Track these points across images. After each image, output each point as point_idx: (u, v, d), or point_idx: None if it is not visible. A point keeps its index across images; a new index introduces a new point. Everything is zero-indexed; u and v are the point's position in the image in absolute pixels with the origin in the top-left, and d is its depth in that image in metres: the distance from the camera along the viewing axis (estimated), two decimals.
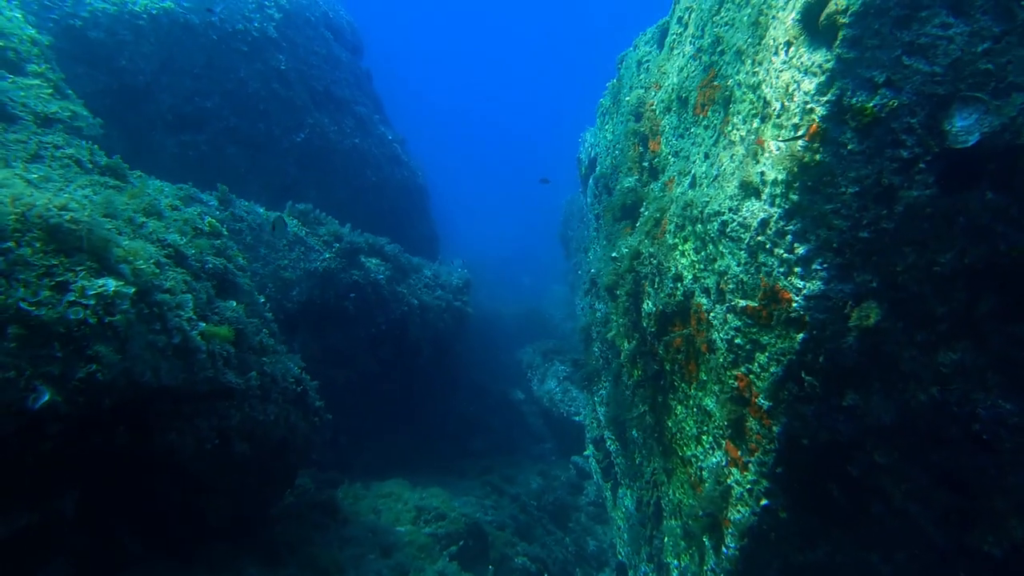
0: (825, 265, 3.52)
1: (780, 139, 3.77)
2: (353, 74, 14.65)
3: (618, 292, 7.26)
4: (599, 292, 10.12)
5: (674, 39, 6.76)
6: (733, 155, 4.93)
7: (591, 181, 11.79)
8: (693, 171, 5.86)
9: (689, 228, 5.36)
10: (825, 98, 3.35)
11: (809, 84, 3.45)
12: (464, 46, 54.34)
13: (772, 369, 4.15)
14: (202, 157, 11.07)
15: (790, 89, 3.66)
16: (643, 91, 7.60)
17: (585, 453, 12.59)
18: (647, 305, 6.26)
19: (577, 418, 13.29)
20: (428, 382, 12.02)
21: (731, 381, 4.60)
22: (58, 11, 8.72)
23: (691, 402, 5.50)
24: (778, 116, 4.01)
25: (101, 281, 3.42)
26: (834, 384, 3.70)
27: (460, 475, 11.93)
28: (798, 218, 3.63)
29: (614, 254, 7.43)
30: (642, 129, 7.47)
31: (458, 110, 51.00)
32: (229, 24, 11.04)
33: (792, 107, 3.62)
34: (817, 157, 3.42)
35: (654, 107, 7.15)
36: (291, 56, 12.42)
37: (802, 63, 3.56)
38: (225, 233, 6.32)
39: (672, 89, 6.54)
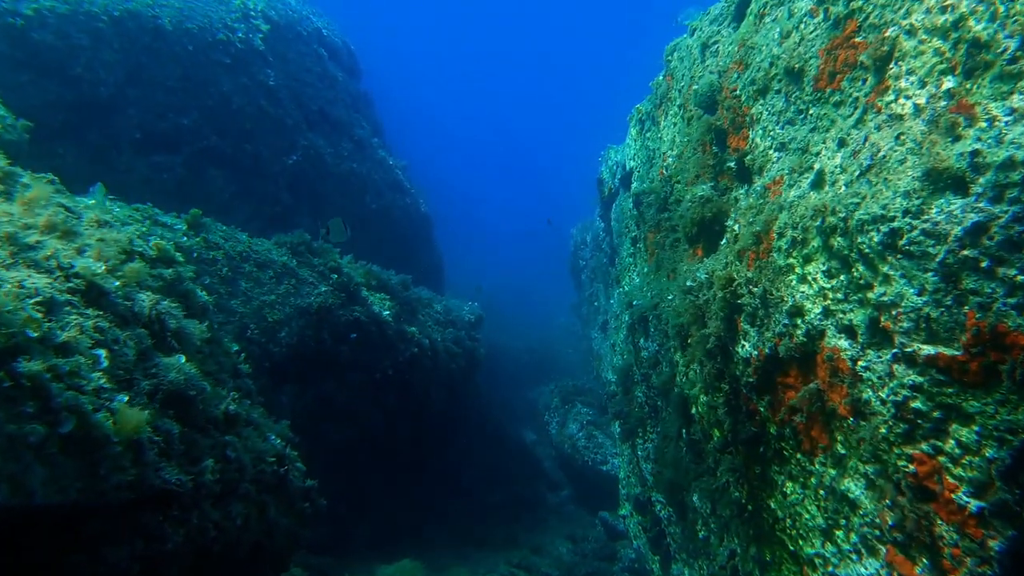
0: None
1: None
2: (350, 95, 13.38)
3: (692, 330, 5.74)
4: (647, 329, 8.58)
5: (764, 5, 5.38)
6: (902, 134, 3.44)
7: (623, 201, 10.34)
8: (818, 165, 4.37)
9: (816, 243, 3.87)
10: None
11: None
12: (464, 67, 53.82)
13: (988, 453, 2.73)
14: (179, 181, 9.64)
15: None
16: (716, 77, 6.19)
17: (621, 512, 10.91)
18: (742, 348, 4.73)
19: (604, 468, 11.61)
20: (439, 432, 10.37)
21: (901, 463, 3.17)
22: None
23: (814, 481, 4.02)
24: (1011, 61, 2.53)
25: None
26: None
27: (479, 544, 10.22)
28: None
29: (689, 283, 5.92)
30: (718, 123, 6.04)
31: (455, 136, 50.20)
32: (208, 33, 9.74)
33: None
34: None
35: (737, 92, 5.73)
36: (281, 72, 11.12)
37: None
38: (180, 260, 4.81)
39: (770, 64, 5.12)
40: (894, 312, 3.13)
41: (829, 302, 3.66)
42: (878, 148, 3.65)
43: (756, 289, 4.52)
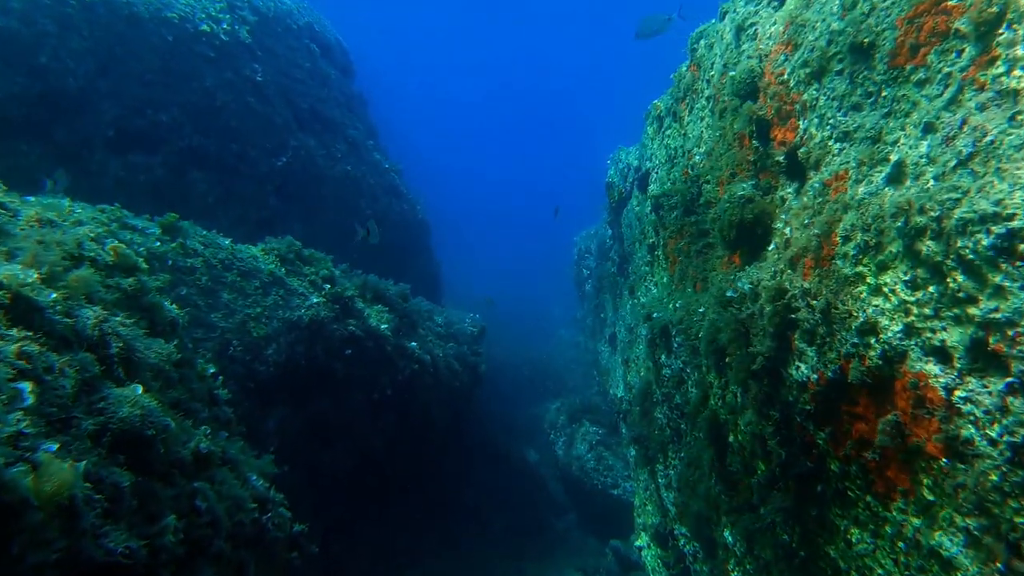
0: None
1: None
2: (344, 94, 12.66)
3: (732, 348, 5.05)
4: (669, 345, 7.88)
5: None
6: (1018, 114, 2.79)
7: (638, 205, 9.67)
8: (896, 156, 3.72)
9: (895, 247, 3.26)
10: None
11: None
12: (461, 69, 52.98)
13: None
14: (157, 183, 8.86)
15: None
16: (756, 62, 5.54)
17: (636, 543, 10.15)
18: (797, 370, 4.10)
19: (615, 492, 10.86)
20: (440, 453, 9.59)
21: (1019, 519, 2.58)
22: None
23: (889, 530, 3.45)
24: None
25: None
26: None
27: None
28: None
29: (729, 293, 5.23)
30: (760, 113, 5.38)
31: (452, 139, 49.40)
32: (190, 23, 9.01)
33: None
34: None
35: (784, 77, 5.07)
36: (269, 67, 10.39)
37: None
38: (143, 267, 4.04)
39: (828, 42, 4.48)
40: (1010, 332, 2.51)
41: (913, 318, 3.05)
42: (984, 132, 2.99)
43: (816, 302, 3.87)
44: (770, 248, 5.33)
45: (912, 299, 3.06)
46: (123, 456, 2.88)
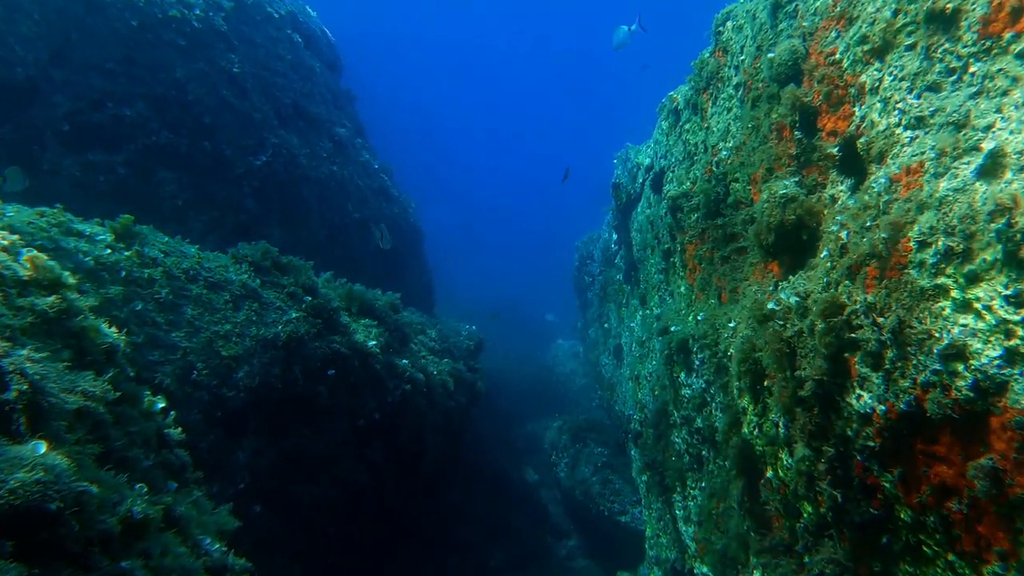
0: None
1: None
2: (330, 90, 11.83)
3: (773, 370, 4.37)
4: (689, 362, 7.10)
5: None
6: None
7: (652, 207, 8.89)
8: (990, 144, 3.04)
9: (991, 255, 2.83)
10: None
11: None
12: (455, 67, 51.80)
13: None
14: (119, 185, 8.00)
15: None
16: (799, 41, 4.79)
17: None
18: (858, 399, 3.58)
19: (623, 519, 10.06)
20: (433, 480, 8.74)
21: None
22: None
23: None
24: None
25: None
26: None
27: None
28: None
29: (772, 306, 4.48)
30: (805, 99, 4.62)
31: (445, 140, 48.22)
32: (158, 7, 8.15)
33: None
34: None
35: (836, 56, 4.33)
36: (247, 58, 9.55)
37: None
38: (70, 282, 3.24)
39: (894, 12, 3.77)
40: None
41: (1017, 342, 2.51)
42: None
43: (884, 320, 3.17)
44: (822, 255, 4.58)
45: (1016, 318, 2.49)
46: (11, 542, 2.11)
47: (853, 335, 3.36)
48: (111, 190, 7.92)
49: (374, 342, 7.31)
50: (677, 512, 7.65)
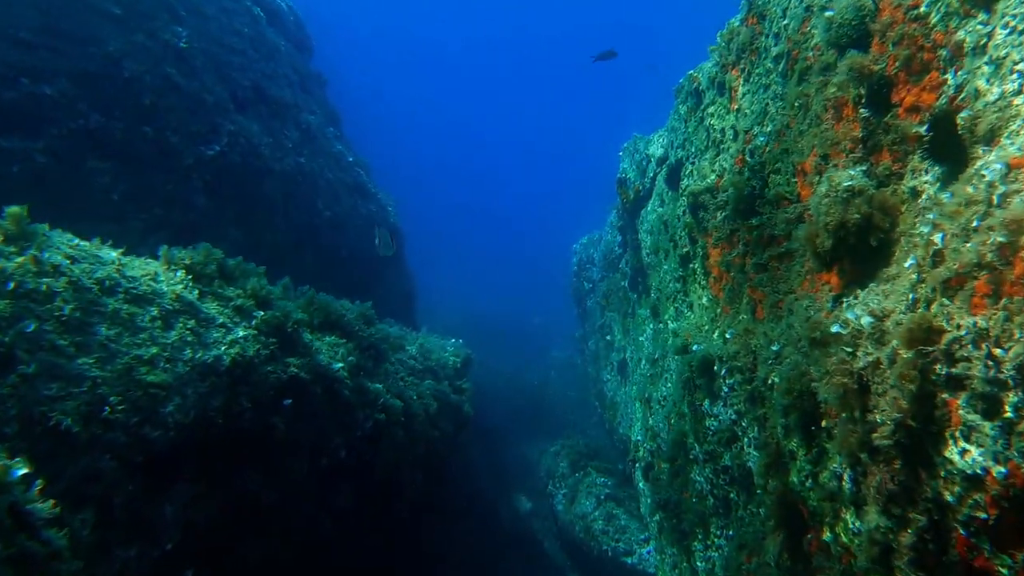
0: None
1: None
2: (297, 72, 10.57)
3: (836, 408, 3.47)
4: (714, 388, 6.01)
5: None
6: None
7: (667, 204, 7.77)
8: None
9: None
10: None
11: None
12: (446, 60, 50.13)
13: None
14: (37, 176, 6.72)
15: None
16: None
17: None
18: (963, 456, 2.69)
19: (629, 560, 8.92)
20: (412, 526, 7.54)
21: None
22: None
23: None
24: None
25: None
26: None
27: None
28: None
29: (836, 328, 3.53)
30: (876, 67, 3.60)
31: (431, 133, 46.68)
32: None
33: None
34: None
35: (920, 9, 3.35)
36: (198, 32, 8.30)
37: None
38: None
39: None
40: None
41: None
42: None
43: (1002, 352, 2.36)
44: (906, 264, 3.52)
45: None
46: None
47: (953, 370, 2.53)
48: (29, 181, 6.64)
49: (341, 364, 6.11)
50: (698, 563, 6.55)
